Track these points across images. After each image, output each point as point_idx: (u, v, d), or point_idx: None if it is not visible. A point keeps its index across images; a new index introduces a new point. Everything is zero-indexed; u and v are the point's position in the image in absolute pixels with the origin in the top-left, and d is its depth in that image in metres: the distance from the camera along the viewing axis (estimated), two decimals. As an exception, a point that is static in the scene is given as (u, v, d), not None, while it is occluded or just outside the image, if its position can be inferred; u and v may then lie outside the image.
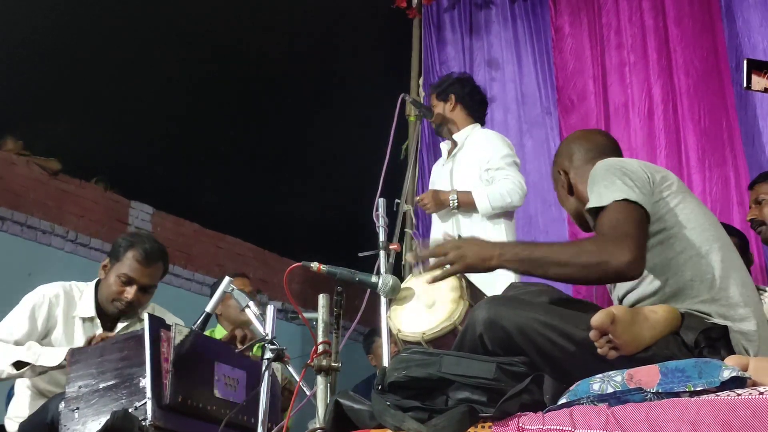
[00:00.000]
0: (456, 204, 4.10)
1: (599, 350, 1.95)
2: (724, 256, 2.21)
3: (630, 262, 2.05)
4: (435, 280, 2.32)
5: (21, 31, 7.62)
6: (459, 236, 2.51)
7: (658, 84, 4.78)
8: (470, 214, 4.15)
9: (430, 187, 4.45)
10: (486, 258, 2.19)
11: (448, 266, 2.25)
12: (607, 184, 2.19)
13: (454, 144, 4.37)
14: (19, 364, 2.99)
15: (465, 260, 2.22)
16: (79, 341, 3.16)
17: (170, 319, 3.07)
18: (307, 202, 9.05)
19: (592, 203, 2.21)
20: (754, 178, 3.78)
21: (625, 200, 2.14)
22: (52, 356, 2.99)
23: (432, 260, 2.31)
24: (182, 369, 2.54)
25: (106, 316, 3.28)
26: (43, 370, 3.02)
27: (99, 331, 3.19)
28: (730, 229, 2.87)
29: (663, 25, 4.89)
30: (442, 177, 4.36)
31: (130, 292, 3.21)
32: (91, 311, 3.25)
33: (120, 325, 3.32)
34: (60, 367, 2.93)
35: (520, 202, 4.13)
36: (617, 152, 2.51)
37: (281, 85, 8.72)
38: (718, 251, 2.20)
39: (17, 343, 3.09)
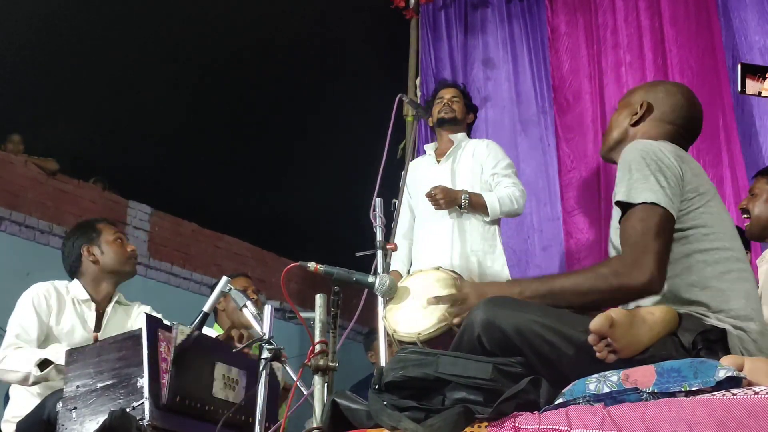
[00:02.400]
0: (467, 203, 4.11)
1: (598, 354, 1.94)
2: (733, 267, 2.19)
3: (648, 282, 2.07)
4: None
5: (21, 34, 7.63)
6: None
7: (655, 84, 4.78)
8: (466, 216, 4.19)
9: (413, 186, 4.40)
10: None
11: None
12: (640, 178, 2.16)
13: (449, 144, 4.42)
14: (43, 365, 3.06)
15: None
16: (71, 323, 3.33)
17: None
18: (304, 202, 9.06)
19: (620, 196, 2.19)
20: (759, 170, 3.75)
21: (654, 204, 2.12)
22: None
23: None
24: (182, 368, 2.55)
25: (96, 301, 3.45)
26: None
27: (92, 314, 3.42)
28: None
29: (659, 25, 4.88)
30: (438, 176, 4.36)
31: (129, 244, 3.61)
32: (85, 294, 3.45)
33: (108, 308, 3.48)
34: None
35: (522, 210, 4.28)
36: (693, 137, 2.47)
37: (279, 86, 8.73)
38: (726, 261, 2.18)
39: (38, 339, 3.23)
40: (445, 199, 4.13)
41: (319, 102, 8.89)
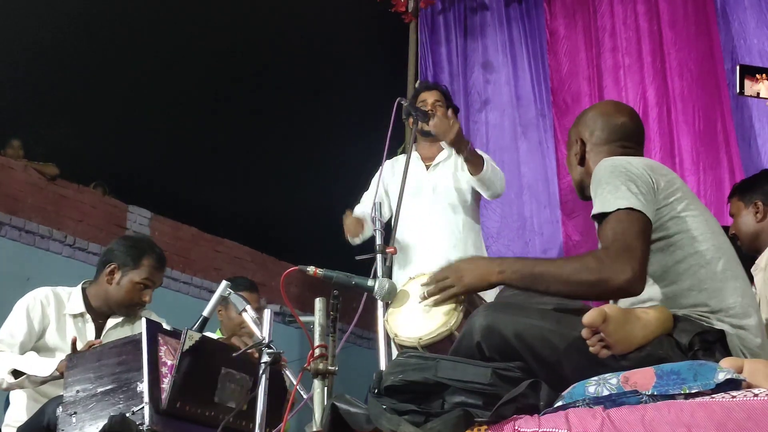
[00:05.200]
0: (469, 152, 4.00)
1: (591, 349, 1.95)
2: (725, 266, 2.19)
3: (630, 280, 2.05)
4: (437, 303, 2.34)
5: (21, 38, 7.64)
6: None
7: (653, 87, 4.79)
8: (463, 221, 4.19)
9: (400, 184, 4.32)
10: (485, 276, 2.23)
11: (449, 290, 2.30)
12: (611, 189, 2.17)
13: (437, 150, 4.39)
14: (16, 373, 3.04)
15: (463, 281, 2.27)
16: (71, 336, 3.22)
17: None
18: (304, 206, 9.06)
19: (596, 209, 2.19)
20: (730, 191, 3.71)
21: (629, 209, 2.12)
22: (44, 366, 3.03)
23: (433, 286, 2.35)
24: (188, 374, 2.54)
25: (95, 312, 3.39)
26: (40, 381, 3.05)
27: (90, 325, 3.35)
28: (727, 229, 2.86)
29: (657, 28, 4.90)
30: (435, 182, 4.34)
31: (149, 293, 3.44)
32: (81, 307, 3.37)
33: (111, 322, 3.41)
34: (54, 378, 2.97)
35: (502, 190, 4.18)
36: (639, 139, 2.48)
37: (278, 91, 8.74)
38: (718, 261, 2.19)
39: (22, 345, 3.19)
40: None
41: (319, 106, 8.90)
